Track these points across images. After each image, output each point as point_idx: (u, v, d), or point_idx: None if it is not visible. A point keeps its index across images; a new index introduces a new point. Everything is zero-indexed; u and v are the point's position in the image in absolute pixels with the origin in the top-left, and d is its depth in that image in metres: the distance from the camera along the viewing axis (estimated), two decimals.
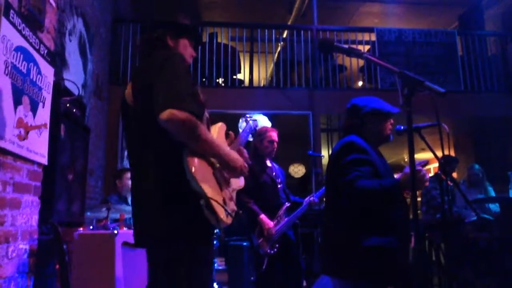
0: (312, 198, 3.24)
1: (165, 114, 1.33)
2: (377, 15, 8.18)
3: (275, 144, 3.24)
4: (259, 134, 3.18)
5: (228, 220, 1.46)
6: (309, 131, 6.06)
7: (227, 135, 1.78)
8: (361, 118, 2.02)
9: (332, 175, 2.00)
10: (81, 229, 2.88)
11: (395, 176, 1.94)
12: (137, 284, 2.84)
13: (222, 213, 1.41)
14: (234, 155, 1.55)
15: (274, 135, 3.23)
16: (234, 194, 1.64)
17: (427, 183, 1.85)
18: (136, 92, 1.53)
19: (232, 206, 1.55)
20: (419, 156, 9.56)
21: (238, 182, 1.73)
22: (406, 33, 6.57)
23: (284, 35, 7.33)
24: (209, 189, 1.39)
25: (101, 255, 2.69)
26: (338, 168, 1.90)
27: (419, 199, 4.85)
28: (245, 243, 3.85)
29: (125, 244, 2.80)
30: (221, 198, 1.46)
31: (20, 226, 2.52)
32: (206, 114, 1.61)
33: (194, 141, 1.41)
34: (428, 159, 10.44)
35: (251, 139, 3.41)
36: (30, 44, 2.59)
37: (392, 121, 2.07)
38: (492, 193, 4.86)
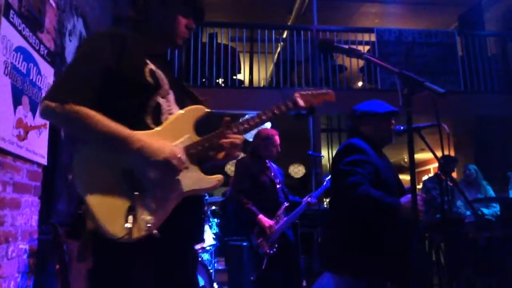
0: (310, 198, 3.25)
1: (40, 106, 1.18)
2: (377, 15, 8.18)
3: (279, 147, 3.29)
4: (265, 137, 3.20)
5: (125, 235, 1.13)
6: (309, 131, 6.06)
7: (215, 124, 1.36)
8: (355, 122, 2.14)
9: (334, 176, 2.07)
10: None
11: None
12: None
13: (113, 226, 1.13)
14: (153, 145, 1.18)
15: (277, 139, 3.27)
16: (169, 202, 1.23)
17: (421, 213, 1.92)
18: None
19: (148, 218, 1.17)
20: (419, 156, 9.57)
21: (204, 182, 1.29)
22: (406, 33, 6.57)
23: (284, 35, 7.32)
24: (97, 195, 1.15)
25: None
26: (339, 170, 1.97)
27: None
28: (245, 243, 3.85)
29: None
30: (121, 207, 1.15)
31: (20, 226, 2.52)
32: (157, 100, 1.29)
33: (80, 133, 1.21)
34: (428, 159, 10.46)
35: (250, 139, 3.41)
36: (30, 44, 2.59)
37: (393, 121, 2.09)
38: (491, 192, 4.87)
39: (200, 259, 3.36)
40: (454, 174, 6.40)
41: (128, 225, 1.13)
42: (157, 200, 1.20)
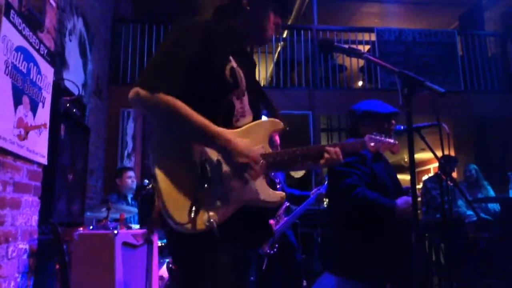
0: (319, 190, 3.23)
1: (131, 93, 1.17)
2: (377, 15, 8.18)
3: (279, 148, 3.27)
4: None
5: (189, 224, 1.12)
6: (309, 131, 6.06)
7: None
8: (355, 121, 2.12)
9: (330, 177, 2.09)
10: (81, 229, 2.88)
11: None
12: (136, 284, 2.84)
13: (178, 213, 1.13)
14: (238, 145, 1.19)
15: (278, 139, 3.26)
16: (233, 204, 1.21)
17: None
18: None
19: (212, 214, 1.15)
20: (419, 156, 9.56)
21: (268, 196, 1.27)
22: (406, 33, 6.57)
23: (284, 35, 7.32)
24: (167, 177, 1.15)
25: (101, 255, 2.69)
26: (335, 171, 2.00)
27: (418, 199, 4.85)
28: None
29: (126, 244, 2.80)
30: (188, 196, 1.15)
31: (20, 226, 2.52)
32: (232, 100, 1.26)
33: (168, 123, 1.21)
34: (428, 159, 10.46)
35: None
36: (30, 44, 2.59)
37: (393, 122, 2.09)
38: (491, 192, 4.87)
39: None
40: (455, 174, 6.40)
41: (192, 215, 1.12)
42: (222, 199, 1.19)
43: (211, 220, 1.14)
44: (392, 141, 1.59)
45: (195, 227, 1.13)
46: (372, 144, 1.57)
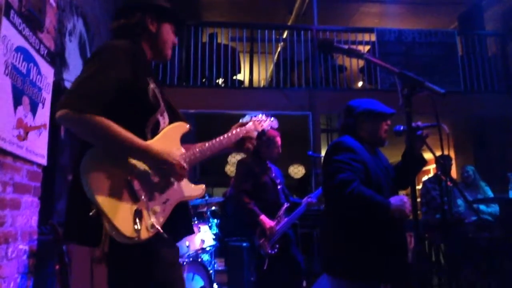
0: (309, 198, 3.25)
1: (59, 112, 1.20)
2: (377, 15, 8.18)
3: (280, 149, 3.30)
4: (267, 139, 3.20)
5: (136, 236, 1.22)
6: (309, 131, 6.06)
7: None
8: (354, 118, 2.07)
9: (324, 176, 2.04)
10: None
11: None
12: None
13: (124, 227, 1.20)
14: (162, 152, 1.31)
15: (279, 140, 3.28)
16: (168, 206, 1.36)
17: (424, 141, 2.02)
18: None
19: (153, 220, 1.28)
20: None
21: (192, 190, 1.46)
22: (406, 33, 6.57)
23: (284, 35, 7.32)
24: (106, 198, 1.20)
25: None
26: (328, 169, 1.95)
27: (418, 199, 4.86)
28: (245, 244, 3.85)
29: None
30: (129, 210, 1.23)
31: (19, 227, 2.52)
32: (157, 117, 1.40)
33: (93, 139, 1.26)
34: (428, 160, 10.47)
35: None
36: (30, 44, 2.59)
37: (389, 122, 2.09)
38: (490, 193, 4.86)
39: (199, 259, 3.36)
40: (453, 174, 6.39)
41: (137, 226, 1.22)
42: (158, 205, 1.32)
43: (157, 226, 1.28)
44: (272, 119, 1.81)
45: (142, 237, 1.24)
46: (260, 125, 1.74)
